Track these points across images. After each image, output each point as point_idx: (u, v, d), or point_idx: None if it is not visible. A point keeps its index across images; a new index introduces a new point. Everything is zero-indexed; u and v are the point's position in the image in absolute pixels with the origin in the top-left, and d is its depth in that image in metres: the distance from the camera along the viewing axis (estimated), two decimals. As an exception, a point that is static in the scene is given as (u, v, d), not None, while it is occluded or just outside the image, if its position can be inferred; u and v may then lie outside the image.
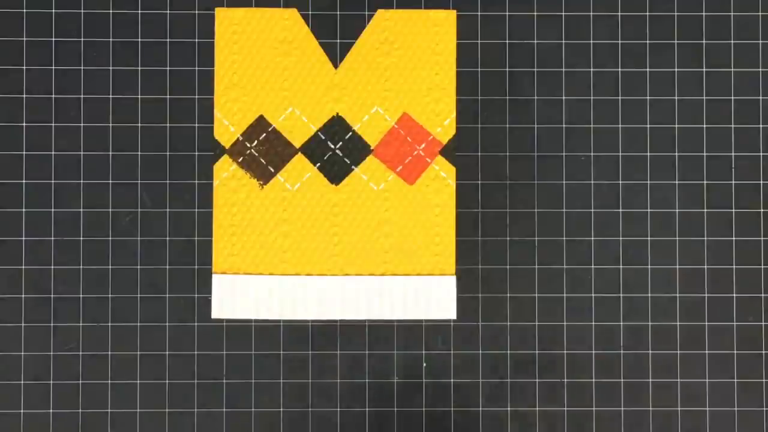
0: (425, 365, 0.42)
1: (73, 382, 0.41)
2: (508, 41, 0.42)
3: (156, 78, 0.42)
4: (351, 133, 0.42)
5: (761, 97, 0.43)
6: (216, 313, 0.41)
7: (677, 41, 0.43)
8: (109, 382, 0.41)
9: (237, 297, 0.41)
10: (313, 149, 0.42)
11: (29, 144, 0.42)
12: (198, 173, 0.42)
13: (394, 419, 0.41)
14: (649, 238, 0.42)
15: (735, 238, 0.42)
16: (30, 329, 0.41)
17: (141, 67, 0.42)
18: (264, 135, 0.42)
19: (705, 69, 0.43)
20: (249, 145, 0.42)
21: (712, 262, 0.42)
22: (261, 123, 0.42)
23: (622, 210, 0.42)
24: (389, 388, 0.41)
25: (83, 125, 0.42)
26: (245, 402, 0.41)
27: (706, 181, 0.42)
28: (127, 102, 0.42)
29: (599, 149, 0.42)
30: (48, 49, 0.42)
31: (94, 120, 0.42)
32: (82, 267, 0.42)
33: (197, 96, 0.42)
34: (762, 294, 0.42)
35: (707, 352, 0.42)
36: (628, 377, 0.42)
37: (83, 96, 0.42)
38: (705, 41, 0.43)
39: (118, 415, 0.41)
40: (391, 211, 0.42)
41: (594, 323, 0.42)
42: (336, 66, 0.42)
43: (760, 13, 0.43)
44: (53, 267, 0.42)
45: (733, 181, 0.42)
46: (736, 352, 0.42)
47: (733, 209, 0.42)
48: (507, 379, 0.42)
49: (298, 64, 0.42)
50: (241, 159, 0.42)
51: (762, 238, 0.42)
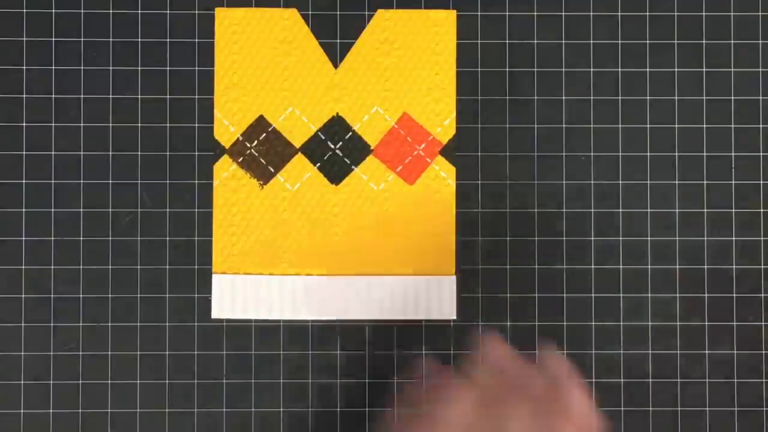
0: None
1: (73, 382, 0.41)
2: (508, 41, 0.42)
3: (156, 78, 0.42)
4: (351, 133, 0.42)
5: (761, 97, 0.43)
6: (216, 313, 0.41)
7: (677, 41, 0.43)
8: (109, 382, 0.41)
9: (237, 297, 0.41)
10: (313, 149, 0.42)
11: (29, 144, 0.42)
12: (198, 173, 0.42)
13: (394, 419, 0.41)
14: (649, 238, 0.42)
15: (735, 238, 0.42)
16: (30, 329, 0.41)
17: (141, 67, 0.42)
18: (264, 135, 0.42)
19: (705, 69, 0.43)
20: (249, 145, 0.42)
21: (712, 262, 0.42)
22: (261, 123, 0.42)
23: (622, 210, 0.42)
24: (389, 388, 0.41)
25: (83, 125, 0.42)
26: (245, 402, 0.41)
27: (706, 181, 0.42)
28: (127, 102, 0.42)
29: (599, 149, 0.42)
30: (48, 49, 0.42)
31: (94, 120, 0.42)
32: (82, 267, 0.42)
33: (197, 96, 0.42)
34: (762, 294, 0.42)
35: (707, 352, 0.42)
36: (627, 377, 0.42)
37: (83, 96, 0.42)
38: (705, 41, 0.43)
39: (118, 415, 0.41)
40: (391, 211, 0.42)
41: (594, 323, 0.42)
42: (336, 66, 0.42)
43: (760, 13, 0.43)
44: (53, 267, 0.42)
45: (733, 181, 0.42)
46: (736, 352, 0.42)
47: (733, 209, 0.42)
48: (507, 379, 0.42)
49: (298, 64, 0.42)
50: (241, 159, 0.42)
51: (762, 238, 0.42)
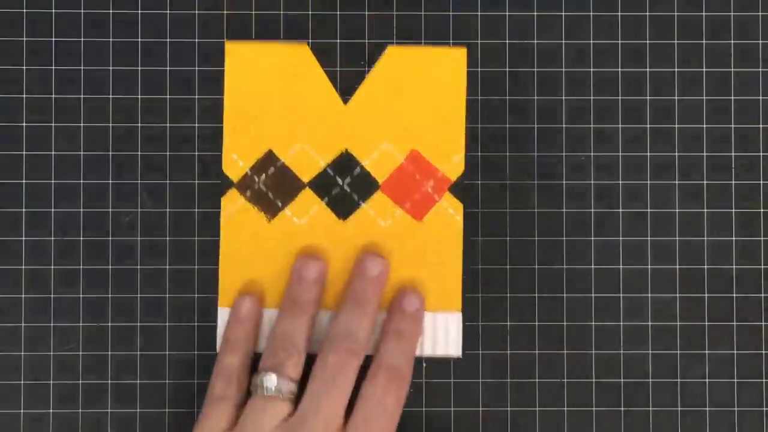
0: (425, 365, 0.42)
1: (73, 382, 0.41)
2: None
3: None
4: (359, 169, 0.42)
5: (761, 97, 0.43)
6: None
7: (677, 41, 0.43)
8: (109, 382, 0.41)
9: None
10: (321, 184, 0.42)
11: (29, 144, 0.42)
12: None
13: (394, 419, 0.41)
14: (649, 238, 0.42)
15: (735, 238, 0.42)
16: (30, 329, 0.41)
17: (141, 67, 0.42)
18: (272, 169, 0.41)
19: (705, 69, 0.43)
20: (257, 180, 0.41)
21: (712, 262, 0.42)
22: (270, 157, 0.41)
23: (622, 210, 0.42)
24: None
25: (83, 125, 0.42)
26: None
27: (706, 181, 0.42)
28: (127, 102, 0.42)
29: (599, 149, 0.42)
30: (48, 49, 0.42)
31: (94, 120, 0.42)
32: (82, 267, 0.42)
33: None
34: (762, 294, 0.42)
35: (707, 352, 0.42)
36: (627, 377, 0.42)
37: (83, 96, 0.42)
38: (705, 41, 0.43)
39: (118, 415, 0.41)
40: (398, 247, 0.41)
41: (594, 323, 0.42)
42: (345, 102, 0.42)
43: (760, 13, 0.43)
44: (53, 267, 0.42)
45: (733, 181, 0.42)
46: (736, 352, 0.42)
47: (733, 209, 0.42)
48: (507, 379, 0.42)
49: (307, 99, 0.42)
50: (249, 193, 0.41)
51: (762, 238, 0.42)
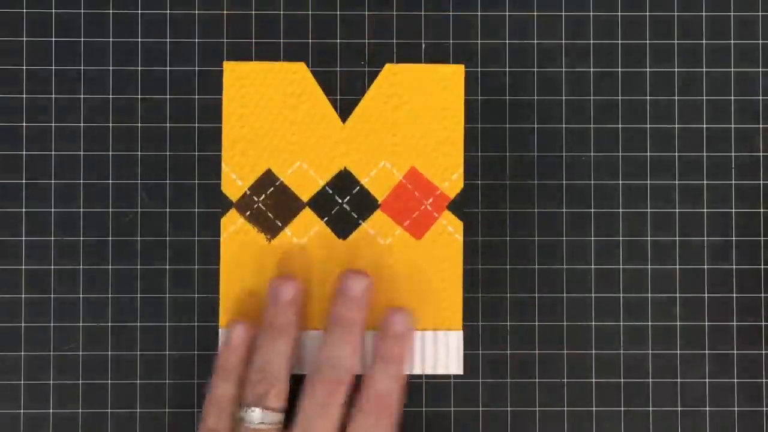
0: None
1: (73, 382, 0.41)
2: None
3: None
4: (358, 188, 0.42)
5: (761, 97, 0.43)
6: None
7: (677, 41, 0.43)
8: (109, 382, 0.41)
9: None
10: (321, 203, 0.42)
11: (29, 144, 0.42)
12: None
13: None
14: (649, 238, 0.42)
15: (735, 238, 0.42)
16: (30, 329, 0.41)
17: (141, 67, 0.42)
18: (271, 189, 0.41)
19: (705, 69, 0.43)
20: (256, 199, 0.41)
21: (712, 262, 0.42)
22: (269, 177, 0.41)
23: (622, 210, 0.42)
24: None
25: (83, 125, 0.42)
26: None
27: (706, 181, 0.42)
28: (127, 102, 0.42)
29: (599, 149, 0.42)
30: (48, 49, 0.42)
31: (94, 120, 0.42)
32: (82, 267, 0.42)
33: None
34: (762, 294, 0.42)
35: (707, 352, 0.42)
36: (628, 377, 0.42)
37: (83, 96, 0.42)
38: (705, 41, 0.43)
39: (118, 415, 0.41)
40: (398, 266, 0.41)
41: (594, 323, 0.42)
42: (344, 120, 0.42)
43: (760, 13, 0.43)
44: (53, 267, 0.42)
45: (733, 181, 0.42)
46: (736, 352, 0.42)
47: (733, 209, 0.42)
48: (507, 379, 0.42)
49: (305, 118, 0.42)
50: (249, 213, 0.41)
51: (762, 238, 0.42)
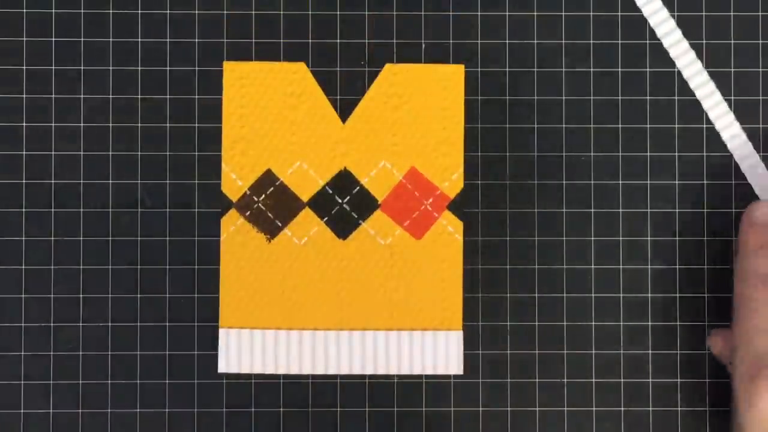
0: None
1: (73, 382, 0.41)
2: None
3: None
4: (358, 188, 0.42)
5: (761, 97, 0.43)
6: (223, 368, 0.41)
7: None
8: (109, 381, 0.41)
9: (243, 351, 0.41)
10: (321, 203, 0.42)
11: (29, 144, 0.42)
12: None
13: (394, 419, 0.41)
14: (649, 238, 0.42)
15: (735, 238, 0.42)
16: (30, 329, 0.41)
17: (141, 67, 0.42)
18: (271, 189, 0.41)
19: (705, 69, 0.43)
20: (256, 199, 0.41)
21: (711, 262, 0.42)
22: (269, 177, 0.41)
23: (622, 210, 0.42)
24: (389, 388, 0.41)
25: (83, 125, 0.42)
26: (245, 402, 0.41)
27: (706, 181, 0.42)
28: (127, 102, 0.42)
29: (599, 149, 0.42)
30: (48, 49, 0.42)
31: (94, 120, 0.42)
32: (82, 267, 0.42)
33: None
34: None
35: (707, 352, 0.42)
36: (628, 377, 0.42)
37: (83, 96, 0.42)
38: (705, 41, 0.43)
39: (118, 415, 0.41)
40: (398, 266, 0.41)
41: (594, 323, 0.42)
42: (344, 120, 0.42)
43: (760, 13, 0.43)
44: (53, 267, 0.42)
45: (733, 181, 0.42)
46: (735, 352, 0.42)
47: (733, 209, 0.42)
48: (507, 379, 0.42)
49: (305, 118, 0.42)
50: (249, 213, 0.41)
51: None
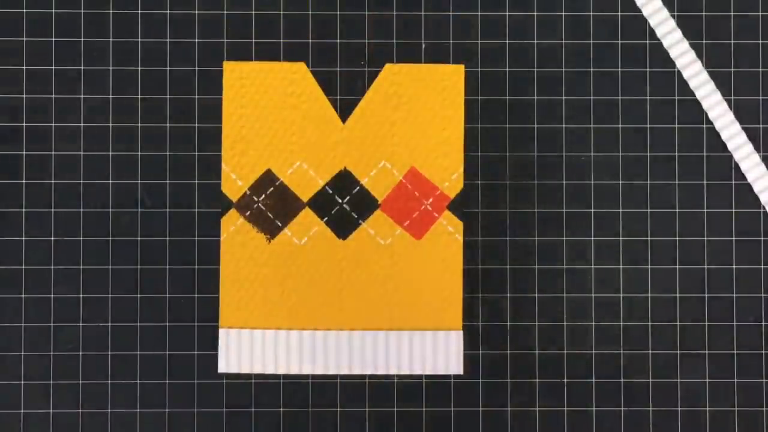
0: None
1: (73, 382, 0.41)
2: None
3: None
4: (358, 188, 0.42)
5: (761, 97, 0.43)
6: (223, 368, 0.41)
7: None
8: (109, 382, 0.41)
9: (243, 351, 0.41)
10: (321, 203, 0.42)
11: (29, 144, 0.42)
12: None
13: (394, 419, 0.41)
14: (649, 238, 0.42)
15: (735, 238, 0.42)
16: (30, 329, 0.41)
17: (141, 67, 0.42)
18: (271, 189, 0.42)
19: (705, 69, 0.43)
20: (256, 199, 0.42)
21: (712, 262, 0.42)
22: (268, 177, 0.42)
23: (622, 210, 0.42)
24: (389, 388, 0.41)
25: (83, 125, 0.42)
26: (245, 402, 0.41)
27: (706, 181, 0.42)
28: (127, 102, 0.42)
29: (599, 149, 0.42)
30: (48, 49, 0.42)
31: (94, 120, 0.42)
32: (82, 267, 0.42)
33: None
34: (762, 294, 0.42)
35: (707, 352, 0.42)
36: (628, 377, 0.42)
37: (83, 96, 0.42)
38: (705, 41, 0.43)
39: (118, 415, 0.41)
40: (398, 266, 0.41)
41: (594, 323, 0.42)
42: (344, 120, 0.42)
43: (760, 13, 0.43)
44: (53, 267, 0.42)
45: (733, 182, 0.42)
46: (736, 352, 0.42)
47: (733, 209, 0.42)
48: (507, 379, 0.42)
49: (305, 118, 0.42)
50: (249, 213, 0.42)
51: (762, 238, 0.42)
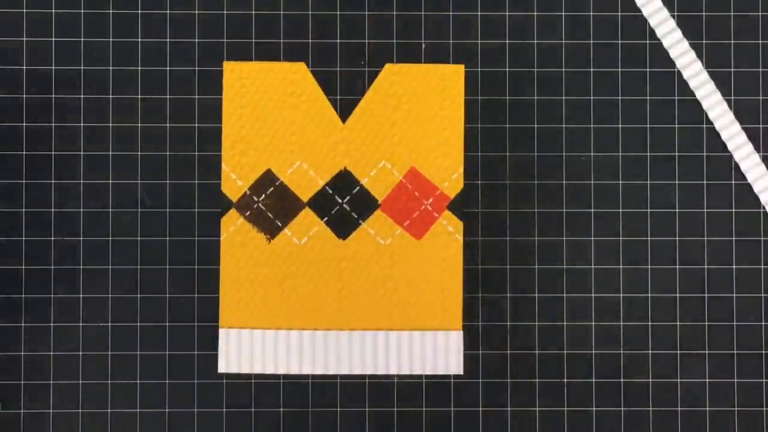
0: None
1: (74, 381, 0.41)
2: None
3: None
4: (358, 188, 0.42)
5: (761, 97, 0.43)
6: (223, 368, 0.41)
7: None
8: (109, 381, 0.41)
9: (243, 351, 0.41)
10: (321, 203, 0.42)
11: (29, 144, 0.42)
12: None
13: (394, 419, 0.41)
14: (649, 238, 0.42)
15: (735, 238, 0.42)
16: (30, 329, 0.41)
17: (141, 67, 0.42)
18: (271, 189, 0.42)
19: (705, 69, 0.43)
20: (256, 199, 0.42)
21: (712, 262, 0.42)
22: (268, 177, 0.42)
23: (622, 210, 0.42)
24: (389, 388, 0.41)
25: (83, 125, 0.42)
26: (245, 402, 0.41)
27: (706, 181, 0.42)
28: (127, 102, 0.42)
29: (599, 149, 0.42)
30: (48, 49, 0.42)
31: (94, 120, 0.42)
32: (82, 267, 0.42)
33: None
34: (762, 294, 0.42)
35: (707, 352, 0.42)
36: (628, 377, 0.42)
37: (83, 96, 0.42)
38: (705, 41, 0.43)
39: (118, 415, 0.41)
40: (398, 266, 0.41)
41: (594, 323, 0.42)
42: (344, 120, 0.42)
43: (760, 13, 0.43)
44: (53, 267, 0.42)
45: (733, 182, 0.42)
46: (736, 352, 0.42)
47: (733, 209, 0.42)
48: (507, 379, 0.42)
49: (305, 118, 0.42)
50: (249, 213, 0.42)
51: (762, 238, 0.42)
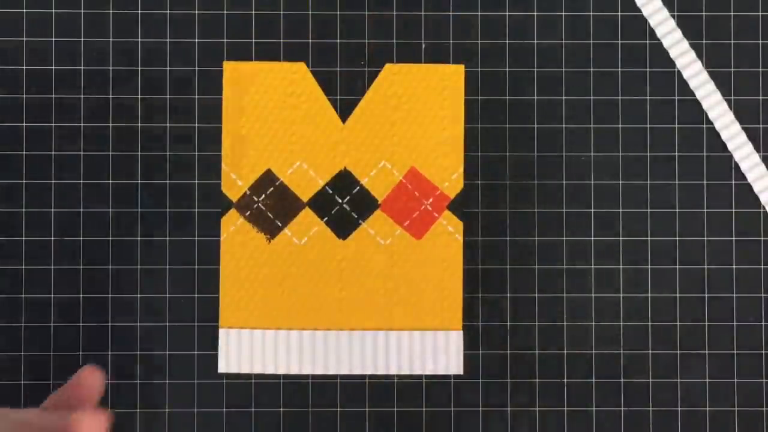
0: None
1: (73, 382, 0.41)
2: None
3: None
4: (358, 188, 0.42)
5: (761, 97, 0.43)
6: (223, 368, 0.41)
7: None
8: (109, 382, 0.41)
9: (243, 351, 0.41)
10: (321, 203, 0.42)
11: (29, 144, 0.42)
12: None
13: (394, 419, 0.41)
14: (649, 238, 0.42)
15: (735, 238, 0.42)
16: (30, 329, 0.41)
17: (141, 67, 0.42)
18: (271, 189, 0.42)
19: (705, 69, 0.43)
20: (256, 199, 0.42)
21: (712, 262, 0.42)
22: (268, 177, 0.42)
23: (622, 210, 0.42)
24: (389, 388, 0.41)
25: (83, 125, 0.42)
26: (245, 402, 0.41)
27: (706, 181, 0.42)
28: (127, 102, 0.42)
29: (599, 149, 0.42)
30: (48, 49, 0.42)
31: (94, 120, 0.42)
32: (82, 267, 0.42)
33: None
34: (762, 294, 0.42)
35: (707, 352, 0.42)
36: (628, 377, 0.42)
37: (83, 96, 0.42)
38: (705, 41, 0.43)
39: (118, 415, 0.41)
40: (398, 266, 0.41)
41: (594, 323, 0.42)
42: (344, 120, 0.42)
43: (760, 13, 0.43)
44: (53, 267, 0.42)
45: (733, 181, 0.42)
46: (736, 352, 0.42)
47: (733, 209, 0.42)
48: (507, 379, 0.42)
49: (305, 118, 0.42)
50: (249, 213, 0.42)
51: (762, 238, 0.42)
